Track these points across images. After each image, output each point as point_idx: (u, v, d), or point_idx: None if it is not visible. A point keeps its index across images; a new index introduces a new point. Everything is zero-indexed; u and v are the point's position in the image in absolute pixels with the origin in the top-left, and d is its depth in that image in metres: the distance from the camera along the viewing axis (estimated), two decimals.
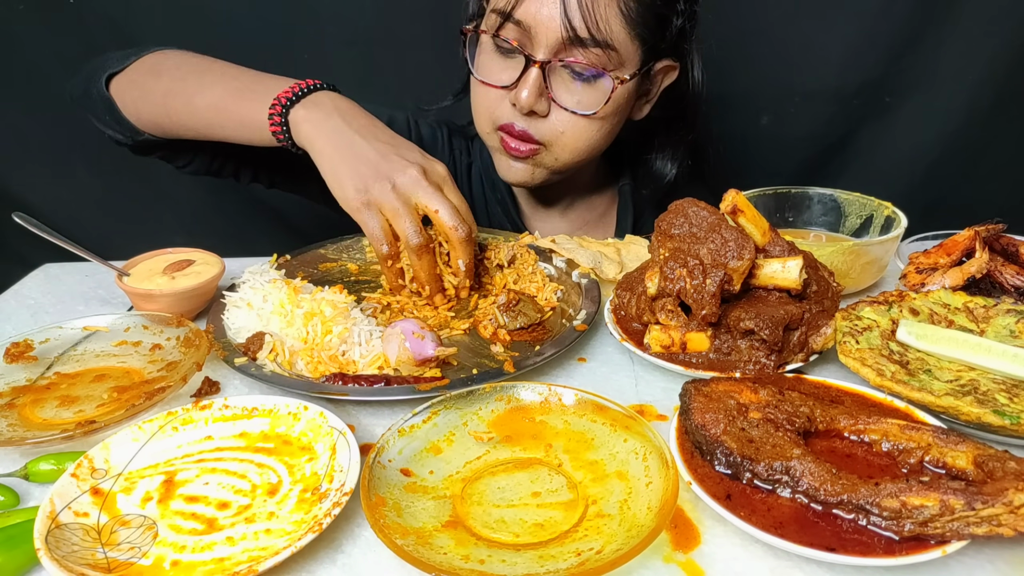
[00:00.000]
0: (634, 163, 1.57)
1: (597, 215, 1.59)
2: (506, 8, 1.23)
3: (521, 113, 1.28)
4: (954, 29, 1.93)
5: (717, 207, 1.00)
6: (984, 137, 2.05)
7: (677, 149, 1.53)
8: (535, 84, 1.24)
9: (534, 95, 1.24)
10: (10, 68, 1.96)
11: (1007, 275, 1.06)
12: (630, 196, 1.56)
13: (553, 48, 1.22)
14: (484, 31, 1.29)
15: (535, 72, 1.24)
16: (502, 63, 1.29)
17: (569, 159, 1.34)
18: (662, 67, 1.35)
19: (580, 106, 1.27)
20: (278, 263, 1.24)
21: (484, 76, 1.31)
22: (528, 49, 1.24)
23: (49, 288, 1.29)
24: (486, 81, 1.31)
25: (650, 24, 1.26)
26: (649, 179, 1.55)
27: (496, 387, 0.87)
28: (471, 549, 0.68)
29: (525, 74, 1.24)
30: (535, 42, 1.23)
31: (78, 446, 0.82)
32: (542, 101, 1.26)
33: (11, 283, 1.31)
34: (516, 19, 1.22)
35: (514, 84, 1.26)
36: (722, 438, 0.73)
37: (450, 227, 1.08)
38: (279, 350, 0.98)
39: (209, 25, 1.93)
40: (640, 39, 1.26)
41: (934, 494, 0.64)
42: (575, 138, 1.31)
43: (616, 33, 1.22)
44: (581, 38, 1.20)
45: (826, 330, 0.95)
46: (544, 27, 1.20)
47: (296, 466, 0.79)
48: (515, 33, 1.24)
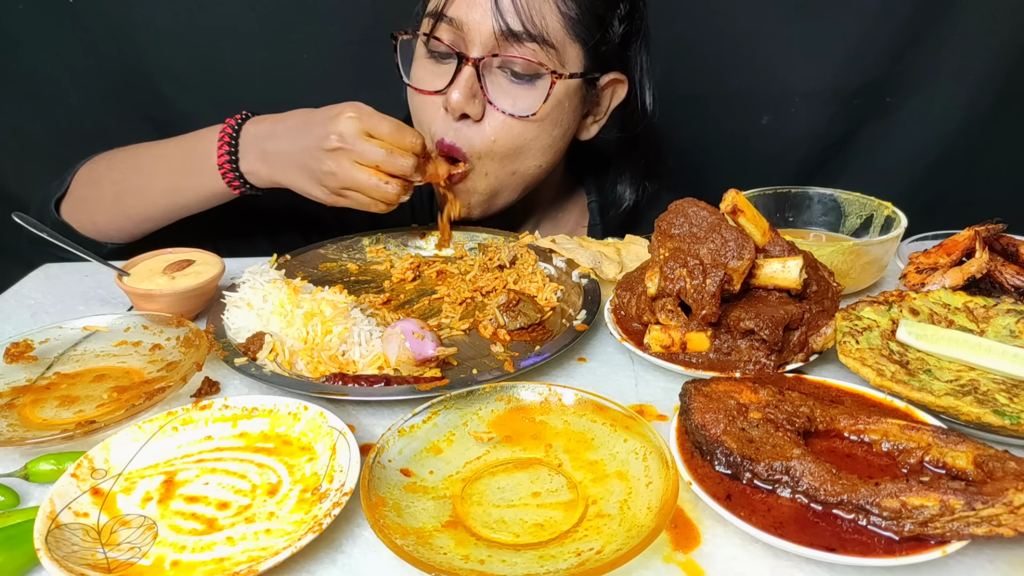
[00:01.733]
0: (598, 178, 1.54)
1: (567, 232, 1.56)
2: (437, 8, 1.21)
3: (453, 117, 1.23)
4: (954, 29, 1.93)
5: (717, 207, 1.00)
6: (984, 137, 2.05)
7: (635, 174, 1.50)
8: (467, 83, 1.20)
9: (466, 95, 1.20)
10: (10, 68, 1.96)
11: (1007, 275, 1.06)
12: (598, 213, 1.52)
13: (487, 45, 1.19)
14: (413, 33, 1.27)
15: (468, 71, 1.20)
16: (435, 68, 1.26)
17: (501, 171, 1.29)
18: (609, 81, 1.33)
19: (517, 108, 1.23)
20: (278, 263, 1.24)
21: (416, 83, 1.28)
22: (461, 48, 1.21)
23: (49, 288, 1.29)
24: (419, 88, 1.27)
25: (589, 24, 1.23)
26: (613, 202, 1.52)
27: (496, 387, 0.87)
28: (471, 549, 0.68)
29: (458, 74, 1.21)
30: (468, 40, 1.20)
31: (78, 446, 0.82)
32: (475, 103, 1.22)
33: (11, 283, 1.31)
34: (448, 17, 1.20)
35: (447, 88, 1.23)
36: (722, 438, 0.73)
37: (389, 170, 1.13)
38: (279, 350, 0.98)
39: (209, 25, 1.93)
40: (580, 40, 1.23)
41: (934, 494, 0.64)
42: (508, 144, 1.25)
43: (552, 29, 1.19)
44: (515, 32, 1.17)
45: (826, 330, 0.95)
46: (476, 23, 1.18)
47: (296, 466, 0.79)
48: (448, 34, 1.22)
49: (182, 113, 2.00)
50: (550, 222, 1.55)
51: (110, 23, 1.91)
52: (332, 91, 1.98)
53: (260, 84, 1.98)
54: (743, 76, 2.01)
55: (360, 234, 1.36)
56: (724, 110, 2.01)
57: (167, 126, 2.04)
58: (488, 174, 1.29)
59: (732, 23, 1.94)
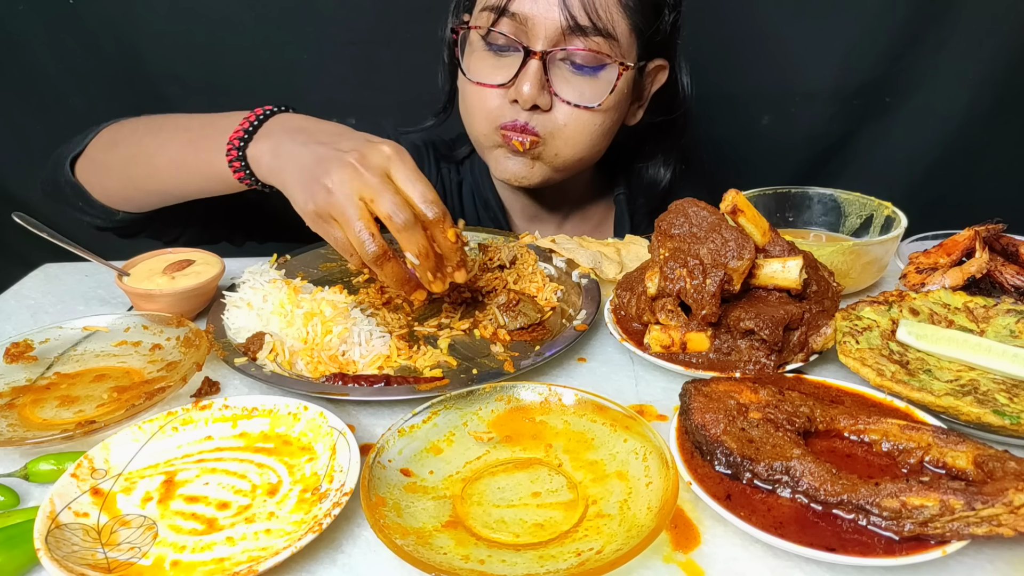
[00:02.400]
0: (627, 172, 1.55)
1: (592, 226, 1.57)
2: (500, 3, 1.21)
3: (524, 108, 1.25)
4: (954, 29, 1.94)
5: (717, 207, 1.00)
6: (984, 137, 2.05)
7: (669, 154, 1.51)
8: (536, 76, 1.21)
9: (536, 87, 1.21)
10: (10, 68, 1.96)
11: (1007, 275, 1.06)
12: (626, 205, 1.54)
13: (552, 39, 1.20)
14: (475, 27, 1.26)
15: (535, 64, 1.21)
16: (495, 62, 1.26)
17: (569, 155, 1.31)
18: (653, 67, 1.34)
19: (583, 99, 1.25)
20: (278, 263, 1.24)
21: (477, 77, 1.28)
22: (525, 42, 1.22)
23: (49, 288, 1.29)
24: (481, 82, 1.28)
25: (647, 13, 1.24)
26: (643, 187, 1.53)
27: (496, 387, 0.87)
28: (471, 549, 0.68)
29: (524, 67, 1.21)
30: (532, 34, 1.20)
31: (78, 446, 0.82)
32: (544, 95, 1.24)
33: (11, 283, 1.31)
34: (512, 12, 1.20)
35: (511, 81, 1.24)
36: (722, 438, 0.73)
37: (384, 215, 0.92)
38: (279, 350, 0.98)
39: (209, 26, 1.93)
40: (637, 30, 1.24)
41: (934, 494, 0.64)
42: (577, 131, 1.28)
43: (616, 21, 1.20)
44: (582, 26, 1.18)
45: (826, 330, 0.95)
46: (542, 17, 1.19)
47: (296, 466, 0.79)
48: (510, 28, 1.22)
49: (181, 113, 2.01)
50: (578, 215, 1.56)
51: (110, 23, 1.91)
52: (332, 91, 2.00)
53: (260, 84, 1.99)
54: (743, 76, 2.01)
55: None
56: (724, 110, 2.01)
57: None
58: (558, 155, 1.31)
59: (732, 24, 1.94)
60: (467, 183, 1.54)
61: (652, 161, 1.52)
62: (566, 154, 1.32)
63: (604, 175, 1.58)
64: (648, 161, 1.52)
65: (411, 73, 1.96)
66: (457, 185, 1.55)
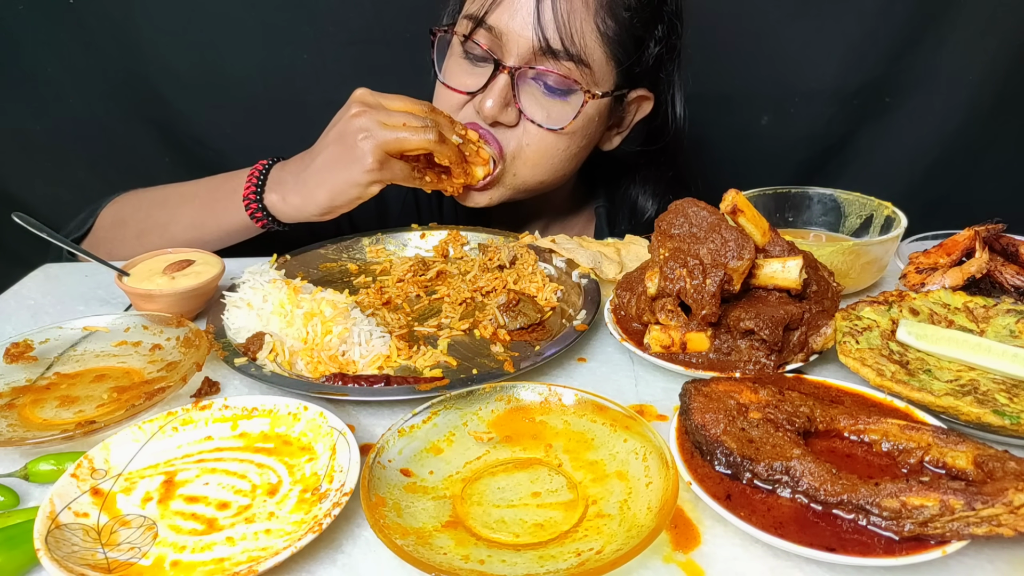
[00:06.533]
0: (609, 185, 1.55)
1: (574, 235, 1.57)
2: (479, 13, 1.21)
3: (486, 122, 1.26)
4: (954, 29, 1.94)
5: (717, 207, 1.00)
6: (984, 137, 2.05)
7: (658, 185, 1.51)
8: (501, 91, 1.22)
9: (499, 104, 1.22)
10: (10, 68, 1.96)
11: (1007, 275, 1.06)
12: (605, 218, 1.53)
13: (524, 56, 1.20)
14: (456, 32, 1.27)
15: (503, 79, 1.21)
16: (469, 69, 1.26)
17: (528, 176, 1.31)
18: (636, 97, 1.34)
19: (548, 120, 1.25)
20: (278, 263, 1.24)
21: (449, 80, 1.28)
22: (498, 54, 1.22)
23: (49, 288, 1.29)
24: (451, 86, 1.28)
25: (627, 45, 1.24)
26: (628, 209, 1.53)
27: (496, 387, 0.87)
28: (471, 549, 0.68)
29: (492, 81, 1.22)
30: (506, 49, 1.21)
31: (78, 446, 0.82)
32: (508, 111, 1.24)
33: (11, 283, 1.31)
34: (488, 24, 1.20)
35: (480, 90, 1.24)
36: (722, 438, 0.73)
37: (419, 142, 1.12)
38: (279, 350, 0.98)
39: (209, 25, 1.93)
40: (615, 59, 1.24)
41: (934, 494, 0.64)
42: (537, 153, 1.28)
43: (591, 49, 1.20)
44: (554, 49, 1.18)
45: (826, 330, 0.95)
46: (516, 35, 1.19)
47: (296, 466, 0.79)
48: (486, 40, 1.22)
49: (181, 113, 2.01)
50: (559, 224, 1.56)
51: (110, 23, 1.91)
52: (332, 91, 1.98)
53: (260, 84, 1.99)
54: (743, 76, 2.01)
55: (360, 234, 1.36)
56: (724, 110, 2.01)
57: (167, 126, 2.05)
58: (516, 175, 1.31)
59: (732, 23, 1.94)
60: None
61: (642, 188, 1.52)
62: (525, 175, 1.31)
63: (587, 185, 1.58)
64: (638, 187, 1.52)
65: (411, 73, 1.95)
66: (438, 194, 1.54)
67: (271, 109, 2.00)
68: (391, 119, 1.13)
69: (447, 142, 1.16)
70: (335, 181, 1.16)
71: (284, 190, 1.20)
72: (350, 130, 1.14)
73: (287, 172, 1.22)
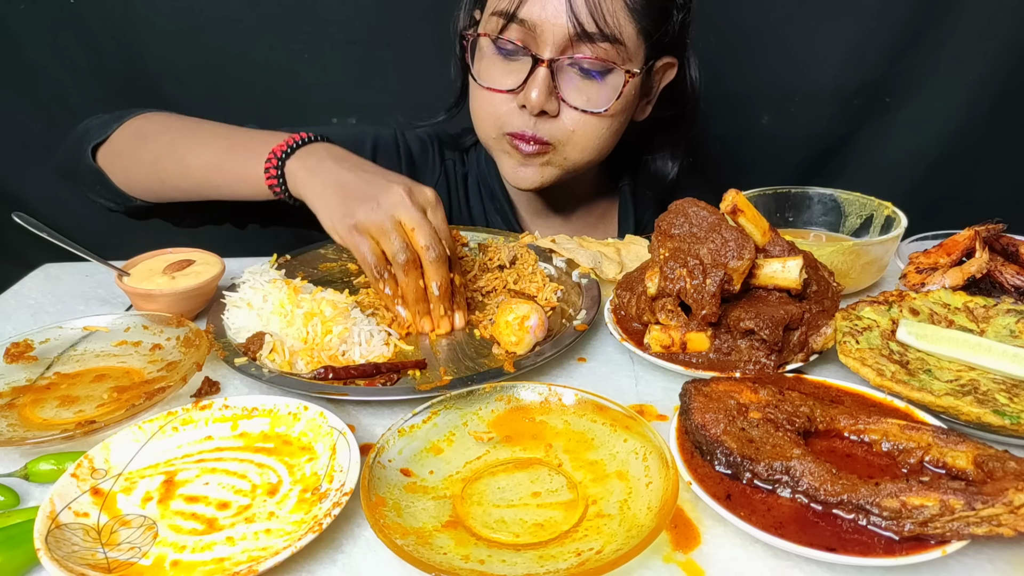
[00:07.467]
0: (633, 164, 1.56)
1: (596, 216, 1.58)
2: (509, 9, 1.21)
3: (531, 114, 1.26)
4: (954, 29, 1.93)
5: (717, 206, 1.00)
6: (984, 137, 2.05)
7: (676, 148, 1.52)
8: (544, 83, 1.22)
9: (544, 95, 1.22)
10: (10, 68, 1.96)
11: (1007, 275, 1.06)
12: (630, 197, 1.55)
13: (560, 46, 1.21)
14: (485, 34, 1.27)
15: (543, 72, 1.22)
16: (505, 67, 1.27)
17: (579, 158, 1.33)
18: (662, 64, 1.35)
19: (590, 104, 1.26)
20: (278, 263, 1.24)
21: (487, 82, 1.29)
22: (534, 49, 1.22)
23: (49, 288, 1.29)
24: (490, 87, 1.28)
25: (655, 16, 1.24)
26: (650, 180, 1.54)
27: (496, 387, 0.87)
28: (471, 549, 0.68)
29: (532, 74, 1.22)
30: (541, 41, 1.21)
31: (78, 446, 0.82)
32: (552, 101, 1.24)
33: (11, 283, 1.31)
34: (520, 19, 1.20)
35: (520, 87, 1.25)
36: (722, 438, 0.74)
37: (422, 247, 1.03)
38: (279, 350, 0.98)
39: (209, 25, 1.93)
40: (644, 33, 1.24)
41: (934, 494, 0.64)
42: (585, 136, 1.29)
43: (624, 26, 1.21)
44: (589, 33, 1.19)
45: (826, 330, 0.95)
46: (550, 24, 1.19)
47: (296, 466, 0.79)
48: (519, 34, 1.22)
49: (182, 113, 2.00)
50: (585, 207, 1.57)
51: (111, 23, 1.91)
52: (332, 91, 2.00)
53: (260, 84, 1.98)
54: (743, 76, 2.01)
55: None
56: (724, 110, 2.01)
57: None
58: (567, 158, 1.32)
59: (732, 23, 1.94)
60: (472, 175, 1.55)
61: (660, 154, 1.53)
62: (575, 158, 1.33)
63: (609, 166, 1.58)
64: (656, 154, 1.53)
65: (412, 73, 1.96)
66: (463, 177, 1.55)
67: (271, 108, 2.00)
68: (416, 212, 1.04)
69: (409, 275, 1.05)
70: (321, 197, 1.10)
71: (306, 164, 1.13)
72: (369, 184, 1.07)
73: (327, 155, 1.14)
